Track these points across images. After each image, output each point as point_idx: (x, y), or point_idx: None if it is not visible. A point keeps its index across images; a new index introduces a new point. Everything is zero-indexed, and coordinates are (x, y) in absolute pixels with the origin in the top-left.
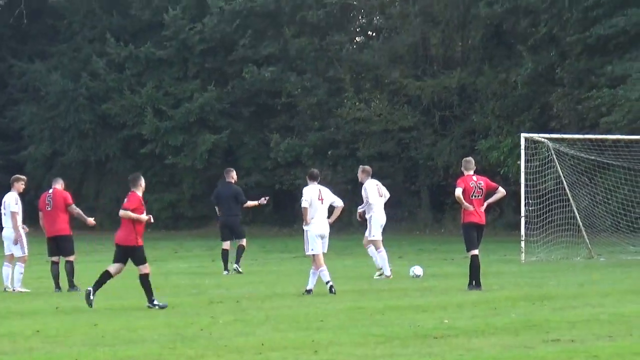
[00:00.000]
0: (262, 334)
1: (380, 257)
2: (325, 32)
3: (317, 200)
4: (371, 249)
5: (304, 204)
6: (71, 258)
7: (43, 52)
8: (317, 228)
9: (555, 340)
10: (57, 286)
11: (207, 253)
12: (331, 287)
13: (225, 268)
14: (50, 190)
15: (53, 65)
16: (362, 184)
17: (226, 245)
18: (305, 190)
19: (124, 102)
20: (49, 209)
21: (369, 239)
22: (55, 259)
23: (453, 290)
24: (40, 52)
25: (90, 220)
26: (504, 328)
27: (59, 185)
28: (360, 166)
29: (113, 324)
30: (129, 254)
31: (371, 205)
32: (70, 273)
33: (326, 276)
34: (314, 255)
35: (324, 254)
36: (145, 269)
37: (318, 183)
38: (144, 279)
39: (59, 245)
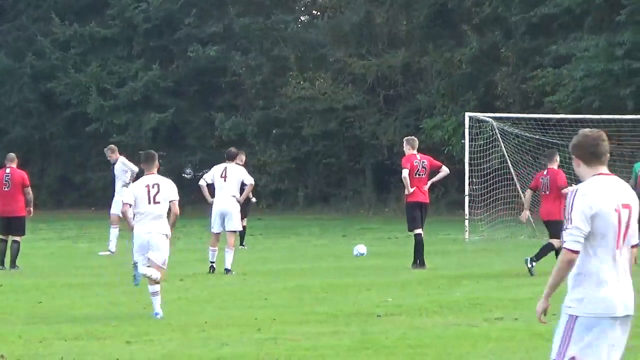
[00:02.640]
0: (206, 312)
1: (114, 233)
2: (270, 10)
3: (220, 178)
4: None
5: (200, 181)
6: (20, 238)
7: None
8: (217, 205)
9: (499, 318)
10: (2, 263)
11: None
12: (212, 266)
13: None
14: (8, 170)
15: None
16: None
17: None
18: (212, 168)
19: (68, 80)
20: (6, 189)
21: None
22: (4, 237)
23: (397, 269)
24: None
25: (30, 209)
26: (448, 306)
27: (14, 164)
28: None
29: (56, 302)
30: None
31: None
32: (16, 253)
33: (213, 256)
34: (214, 233)
35: (230, 232)
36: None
37: (236, 163)
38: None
39: (13, 225)
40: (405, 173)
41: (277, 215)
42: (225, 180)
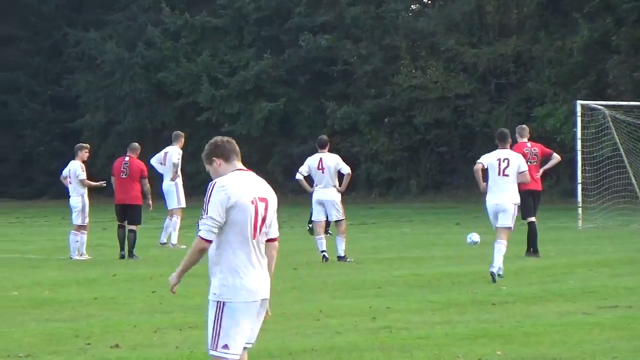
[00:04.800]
0: (320, 301)
1: (175, 225)
2: (381, 0)
3: (318, 170)
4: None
5: (297, 175)
6: (136, 227)
7: (98, 21)
8: (317, 195)
9: (613, 306)
10: (123, 249)
11: None
12: (324, 256)
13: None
14: (127, 158)
15: (108, 34)
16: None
17: None
18: (307, 160)
19: (179, 70)
20: (124, 176)
21: (180, 207)
22: (122, 223)
23: (510, 257)
24: (95, 20)
25: (150, 203)
26: (562, 294)
27: (135, 154)
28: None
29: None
30: None
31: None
32: (133, 242)
33: (322, 245)
34: (316, 222)
35: (336, 222)
36: None
37: (328, 151)
38: None
39: (129, 214)
40: None
41: (390, 203)
42: (323, 172)
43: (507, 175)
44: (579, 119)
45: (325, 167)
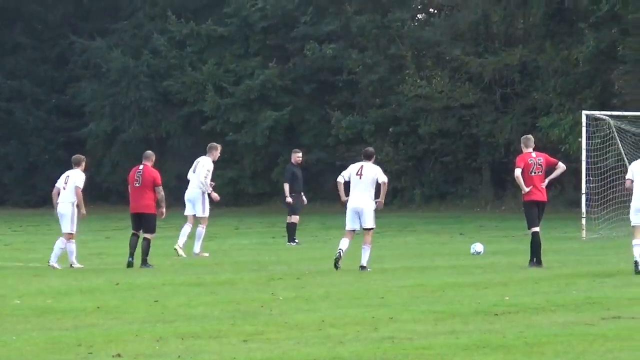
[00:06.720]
0: (323, 311)
1: (200, 234)
2: (387, 9)
3: (356, 176)
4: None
5: (339, 178)
6: (150, 236)
7: (104, 29)
8: (351, 203)
9: (616, 317)
10: (132, 255)
11: (267, 230)
12: (339, 254)
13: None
14: (141, 167)
15: (114, 42)
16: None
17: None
18: (350, 165)
19: (185, 79)
20: (137, 185)
21: (204, 216)
22: (136, 232)
23: (514, 267)
24: (101, 29)
25: (162, 211)
26: (565, 305)
27: (149, 162)
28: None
29: (173, 301)
30: None
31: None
32: (146, 251)
33: (344, 244)
34: (346, 230)
35: (365, 229)
36: None
37: (373, 163)
38: None
39: (143, 222)
40: (517, 172)
41: (394, 213)
42: (360, 178)
43: None
44: (584, 129)
45: (363, 174)
